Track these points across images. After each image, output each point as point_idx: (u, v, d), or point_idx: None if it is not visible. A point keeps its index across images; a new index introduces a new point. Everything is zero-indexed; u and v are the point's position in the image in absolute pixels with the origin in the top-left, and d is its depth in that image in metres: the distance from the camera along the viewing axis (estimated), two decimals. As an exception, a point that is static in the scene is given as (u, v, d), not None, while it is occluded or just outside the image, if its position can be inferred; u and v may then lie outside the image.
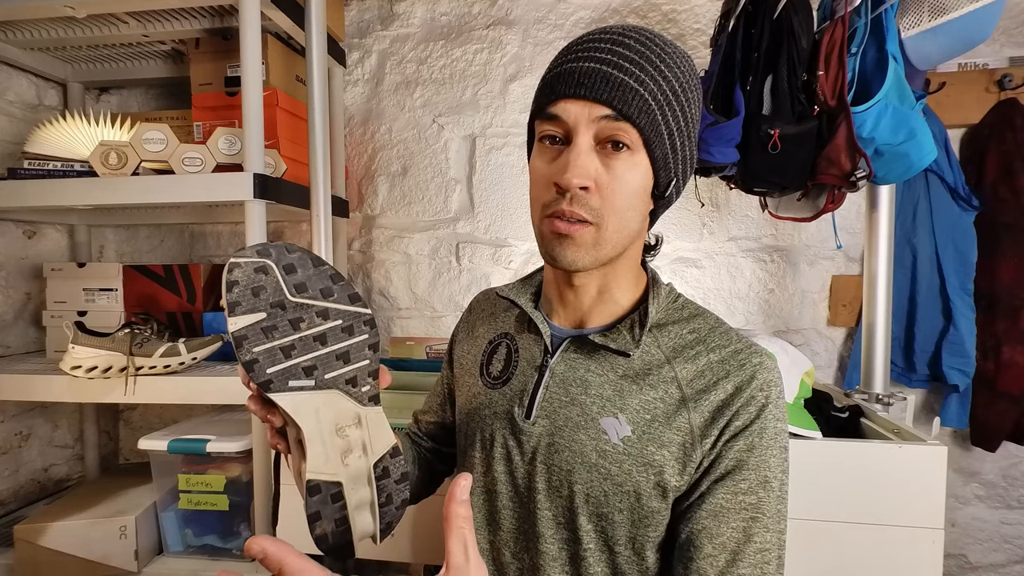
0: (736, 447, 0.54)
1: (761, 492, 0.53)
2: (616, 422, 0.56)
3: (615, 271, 0.60)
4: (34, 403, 1.45)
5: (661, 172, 0.55)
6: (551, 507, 0.58)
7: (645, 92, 0.52)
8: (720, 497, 0.53)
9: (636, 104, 0.51)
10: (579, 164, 0.52)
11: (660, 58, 0.53)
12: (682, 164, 0.57)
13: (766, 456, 0.54)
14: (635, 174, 0.54)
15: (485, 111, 1.51)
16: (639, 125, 0.52)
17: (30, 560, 1.12)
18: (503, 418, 0.62)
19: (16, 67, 1.38)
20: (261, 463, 1.09)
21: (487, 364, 0.67)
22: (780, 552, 0.54)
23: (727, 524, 0.53)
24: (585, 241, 0.54)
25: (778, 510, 0.54)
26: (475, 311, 0.76)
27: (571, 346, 0.61)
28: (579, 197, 0.53)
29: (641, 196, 0.55)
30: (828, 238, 1.40)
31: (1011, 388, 1.27)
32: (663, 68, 0.53)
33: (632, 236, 0.57)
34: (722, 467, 0.54)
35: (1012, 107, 1.28)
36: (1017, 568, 1.39)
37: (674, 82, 0.53)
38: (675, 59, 0.54)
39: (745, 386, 0.55)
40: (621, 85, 0.51)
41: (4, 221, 1.39)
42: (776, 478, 0.54)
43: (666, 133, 0.53)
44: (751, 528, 0.52)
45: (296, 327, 0.46)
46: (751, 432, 0.54)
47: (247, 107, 1.03)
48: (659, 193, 0.57)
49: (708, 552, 0.52)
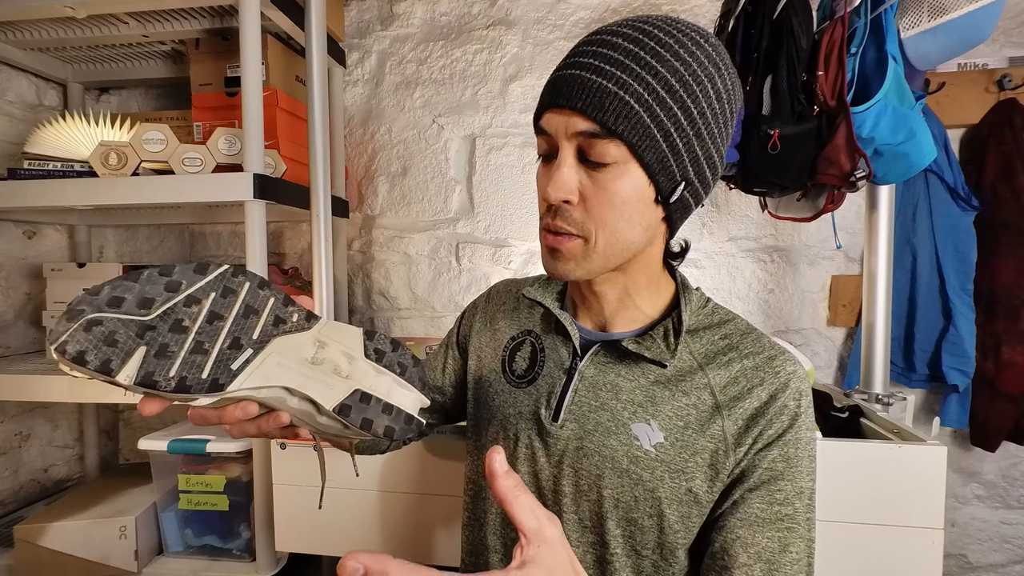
0: (770, 456, 0.53)
1: (797, 503, 0.53)
2: (648, 428, 0.56)
3: (632, 278, 0.59)
4: (34, 403, 1.45)
5: (660, 177, 0.52)
6: (577, 510, 0.58)
7: (626, 94, 0.48)
8: (755, 507, 0.53)
9: (614, 110, 0.49)
10: (559, 179, 0.52)
11: (654, 51, 0.49)
12: (693, 166, 0.52)
13: (800, 466, 0.54)
14: (623, 184, 0.51)
15: (485, 111, 1.51)
16: (619, 133, 0.49)
17: (30, 560, 1.12)
18: (528, 419, 0.61)
19: (16, 67, 1.38)
20: (261, 463, 1.09)
21: (510, 361, 0.66)
22: (810, 560, 0.53)
23: (762, 534, 0.52)
24: (574, 254, 0.54)
25: (809, 519, 0.54)
26: (494, 301, 0.74)
27: (601, 350, 0.60)
28: (562, 211, 0.53)
29: (635, 207, 0.52)
30: (828, 238, 1.40)
31: (1011, 388, 1.27)
32: (654, 63, 0.49)
33: (633, 246, 0.55)
34: (756, 476, 0.53)
35: (1012, 107, 1.28)
36: (1017, 568, 1.39)
37: (670, 77, 0.49)
38: (681, 47, 0.50)
39: (779, 394, 0.55)
40: (598, 91, 0.49)
41: (4, 221, 1.39)
42: (808, 487, 0.54)
43: (660, 135, 0.50)
44: (787, 539, 0.52)
45: (181, 329, 0.42)
46: (785, 442, 0.54)
47: (247, 107, 1.03)
48: (664, 199, 0.53)
49: (743, 562, 0.52)
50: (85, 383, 1.09)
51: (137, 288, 0.42)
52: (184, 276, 0.44)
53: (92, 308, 0.40)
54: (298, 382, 0.45)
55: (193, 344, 0.42)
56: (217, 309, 0.44)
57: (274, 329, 0.46)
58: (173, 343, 0.42)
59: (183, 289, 0.43)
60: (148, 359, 0.40)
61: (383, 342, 0.50)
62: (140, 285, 0.42)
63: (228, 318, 0.44)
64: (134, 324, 0.41)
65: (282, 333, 0.46)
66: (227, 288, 0.45)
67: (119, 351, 0.39)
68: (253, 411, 0.46)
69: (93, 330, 0.39)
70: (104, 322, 0.40)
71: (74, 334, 0.38)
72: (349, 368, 0.47)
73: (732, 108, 0.54)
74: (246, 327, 0.45)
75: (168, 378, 0.41)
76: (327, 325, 0.48)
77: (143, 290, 0.42)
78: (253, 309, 0.45)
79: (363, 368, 0.48)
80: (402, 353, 0.51)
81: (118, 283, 0.42)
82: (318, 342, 0.47)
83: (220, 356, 0.43)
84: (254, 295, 0.46)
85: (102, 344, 0.39)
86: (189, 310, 0.43)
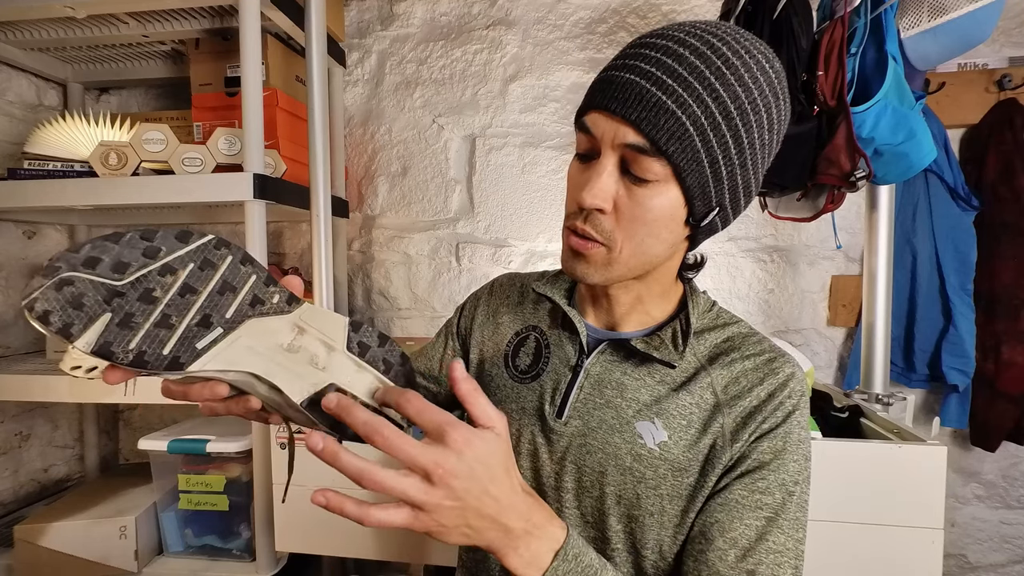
0: (760, 448, 0.54)
1: (779, 494, 0.52)
2: (652, 426, 0.56)
3: (649, 286, 0.59)
4: (34, 403, 1.45)
5: (696, 202, 0.51)
6: (579, 506, 0.58)
7: (684, 115, 0.47)
8: (736, 493, 0.53)
9: (668, 128, 0.47)
10: (597, 186, 0.50)
11: (719, 71, 0.47)
12: (730, 193, 0.52)
13: (787, 460, 0.54)
14: (660, 202, 0.50)
15: (485, 111, 1.51)
16: (668, 153, 0.48)
17: (30, 560, 1.12)
18: (532, 414, 0.61)
19: (16, 67, 1.38)
20: (261, 463, 1.09)
21: (513, 356, 0.66)
22: (797, 562, 0.52)
23: (740, 520, 0.52)
24: (596, 260, 0.53)
25: (796, 517, 0.53)
26: (497, 294, 0.73)
27: (608, 348, 0.60)
28: (593, 217, 0.52)
29: (666, 225, 0.52)
30: (828, 238, 1.40)
31: (1011, 388, 1.27)
32: (717, 86, 0.47)
33: (654, 261, 0.55)
34: (743, 465, 0.54)
35: (1012, 107, 1.28)
36: (1017, 568, 1.39)
37: (730, 103, 0.48)
38: (744, 73, 0.48)
39: (777, 392, 0.55)
40: (656, 105, 0.47)
41: (4, 221, 1.39)
42: (796, 483, 0.53)
43: (707, 161, 0.49)
44: (766, 528, 0.51)
45: (151, 299, 0.40)
46: (776, 435, 0.54)
47: (247, 107, 1.03)
48: (695, 222, 0.53)
49: (718, 546, 0.51)
50: (85, 383, 1.09)
51: (116, 250, 0.40)
52: (165, 243, 0.42)
53: (68, 266, 0.38)
54: (266, 369, 0.43)
55: (160, 317, 0.40)
56: (192, 282, 0.41)
57: (250, 309, 0.43)
58: (139, 313, 0.39)
59: (161, 256, 0.41)
60: (110, 328, 0.38)
61: (369, 335, 0.47)
62: (120, 247, 0.40)
63: (202, 293, 0.42)
64: (104, 288, 0.39)
65: (258, 315, 0.43)
66: (207, 260, 0.42)
67: (83, 315, 0.38)
68: (222, 392, 0.44)
69: (63, 290, 0.38)
70: (76, 282, 0.38)
71: (45, 292, 0.37)
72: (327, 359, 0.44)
73: (780, 138, 0.54)
74: (220, 304, 0.42)
75: (127, 350, 0.39)
76: (309, 310, 0.45)
77: (120, 252, 0.40)
78: (231, 286, 0.43)
79: (342, 361, 0.45)
80: (389, 349, 0.48)
81: (99, 243, 0.40)
82: (297, 328, 0.44)
83: (186, 333, 0.41)
84: (234, 271, 0.43)
85: (68, 306, 0.38)
86: (163, 279, 0.41)
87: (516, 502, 0.44)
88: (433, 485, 0.41)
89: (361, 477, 0.40)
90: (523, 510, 0.45)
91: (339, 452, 0.40)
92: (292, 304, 0.45)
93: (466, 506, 0.42)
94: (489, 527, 0.43)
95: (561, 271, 0.68)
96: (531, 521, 0.45)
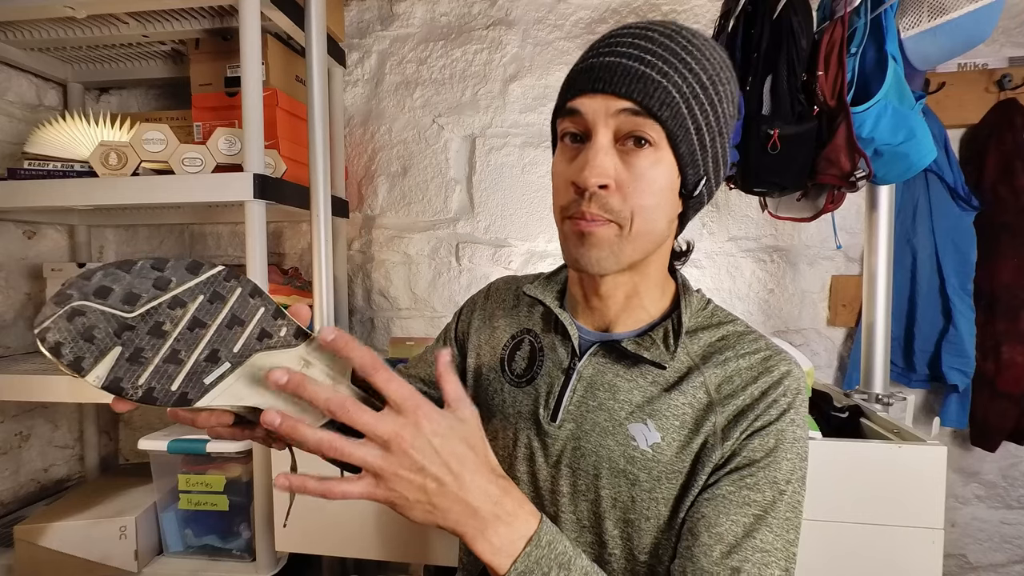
0: (751, 445, 0.53)
1: (769, 492, 0.51)
2: (645, 428, 0.55)
3: (644, 278, 0.59)
4: (34, 403, 1.45)
5: (688, 170, 0.53)
6: (575, 510, 0.58)
7: (669, 84, 0.50)
8: (723, 488, 0.52)
9: (658, 96, 0.49)
10: (597, 162, 0.50)
11: (686, 49, 0.51)
12: (712, 162, 0.54)
13: (780, 458, 0.52)
14: (659, 171, 0.52)
15: (485, 111, 1.51)
16: (662, 119, 0.50)
17: (30, 560, 1.12)
18: (527, 419, 0.61)
19: (16, 67, 1.38)
20: (261, 463, 1.10)
21: (509, 360, 0.65)
22: (787, 564, 0.50)
23: (727, 516, 0.51)
24: (608, 239, 0.52)
25: (787, 517, 0.51)
26: (493, 298, 0.73)
27: (600, 350, 0.60)
28: (598, 197, 0.51)
29: (667, 195, 0.53)
30: (828, 238, 1.40)
31: (1011, 388, 1.27)
32: (689, 60, 0.51)
33: (659, 239, 0.55)
34: (733, 462, 0.53)
35: (1012, 107, 1.28)
36: (1017, 568, 1.39)
37: (702, 74, 0.51)
38: (705, 51, 0.52)
39: (772, 390, 0.54)
40: (642, 77, 0.49)
41: (4, 221, 1.39)
42: (788, 482, 0.52)
43: (693, 128, 0.51)
44: (754, 526, 0.50)
45: (160, 333, 0.40)
46: (768, 433, 0.53)
47: (247, 107, 1.03)
48: (687, 192, 0.54)
49: (704, 541, 0.50)
50: (85, 383, 1.09)
51: (127, 280, 0.41)
52: (175, 273, 0.42)
53: (80, 295, 0.39)
54: (272, 404, 0.43)
55: (169, 352, 0.40)
56: (201, 316, 0.42)
57: (258, 343, 0.43)
58: (149, 348, 0.40)
59: (171, 288, 0.42)
60: (120, 362, 0.39)
61: None
62: (131, 277, 0.41)
63: (211, 326, 0.42)
64: (115, 320, 0.39)
65: (265, 348, 0.44)
66: (216, 293, 0.43)
67: (94, 349, 0.38)
68: (227, 421, 0.46)
69: (75, 320, 0.38)
70: (87, 313, 0.39)
71: (57, 321, 0.38)
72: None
73: (736, 113, 0.57)
74: (228, 338, 0.43)
75: (136, 386, 0.39)
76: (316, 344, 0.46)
77: (132, 283, 0.41)
78: (239, 319, 0.43)
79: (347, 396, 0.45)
80: None
81: (111, 270, 0.41)
82: (304, 361, 0.45)
83: (194, 368, 0.41)
84: (243, 303, 0.44)
85: (80, 338, 0.38)
86: (173, 313, 0.41)
87: (482, 483, 0.44)
88: (391, 452, 0.41)
89: (320, 446, 0.41)
90: (492, 492, 0.44)
91: (296, 424, 0.41)
92: (299, 338, 0.45)
93: (425, 478, 0.42)
94: (452, 505, 0.43)
95: (554, 273, 0.68)
96: (500, 505, 0.44)
